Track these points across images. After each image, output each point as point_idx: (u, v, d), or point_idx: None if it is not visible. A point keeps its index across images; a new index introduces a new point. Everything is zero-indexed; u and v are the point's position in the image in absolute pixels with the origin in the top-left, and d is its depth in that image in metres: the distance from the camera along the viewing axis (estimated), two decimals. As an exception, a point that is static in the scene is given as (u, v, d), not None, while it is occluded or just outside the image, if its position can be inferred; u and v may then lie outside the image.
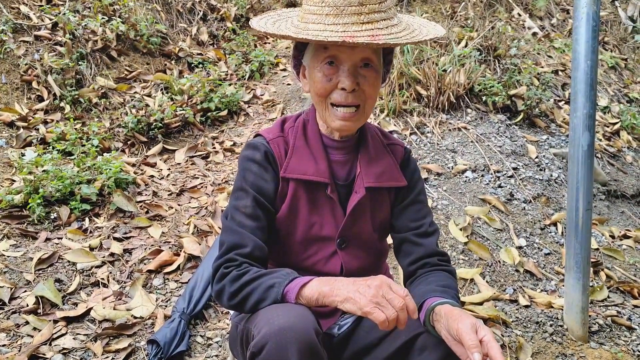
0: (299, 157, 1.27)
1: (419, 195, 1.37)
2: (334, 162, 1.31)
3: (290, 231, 1.29)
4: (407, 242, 1.33)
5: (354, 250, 1.32)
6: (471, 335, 1.00)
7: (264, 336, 1.03)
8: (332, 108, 1.22)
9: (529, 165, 3.28)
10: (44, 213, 2.55)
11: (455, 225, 2.71)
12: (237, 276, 1.16)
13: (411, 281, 1.33)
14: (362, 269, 1.32)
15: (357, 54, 1.18)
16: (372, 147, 1.32)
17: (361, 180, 1.28)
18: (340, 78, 1.19)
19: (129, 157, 3.35)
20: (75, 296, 2.12)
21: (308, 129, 1.31)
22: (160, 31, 4.54)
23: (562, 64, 4.64)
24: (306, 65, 1.26)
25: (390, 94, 3.57)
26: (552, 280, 2.53)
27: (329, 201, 1.28)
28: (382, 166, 1.31)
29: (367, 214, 1.31)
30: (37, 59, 3.78)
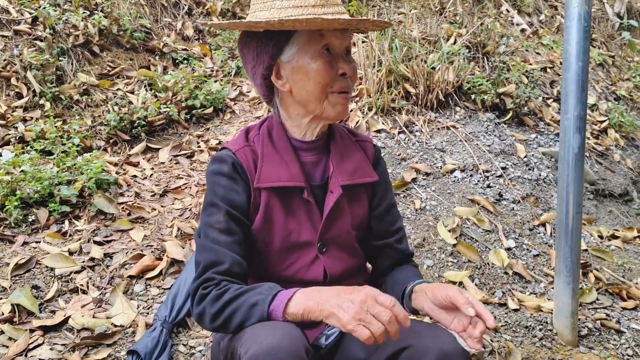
0: (270, 164, 1.23)
1: (392, 196, 1.40)
2: (306, 163, 1.27)
3: (268, 242, 1.25)
4: (389, 247, 1.37)
5: (335, 253, 1.29)
6: (461, 296, 1.09)
7: (252, 356, 0.99)
8: (332, 95, 1.20)
9: (517, 164, 3.25)
10: (22, 215, 2.47)
11: (443, 227, 2.68)
12: (217, 296, 1.12)
13: (384, 277, 1.38)
14: (345, 273, 1.30)
15: (346, 40, 1.19)
16: (342, 144, 1.32)
17: (335, 179, 1.26)
18: (340, 64, 1.18)
19: (111, 156, 3.27)
20: (53, 303, 2.05)
21: (274, 135, 1.27)
22: (144, 26, 4.44)
23: (550, 61, 4.61)
24: (288, 61, 1.19)
25: (379, 92, 3.52)
26: (541, 283, 2.50)
27: (305, 205, 1.25)
28: (354, 163, 1.30)
29: (345, 213, 1.29)
30: (17, 54, 3.68)
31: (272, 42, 1.18)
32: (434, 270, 2.45)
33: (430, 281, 1.27)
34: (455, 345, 1.10)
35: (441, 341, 1.11)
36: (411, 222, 2.72)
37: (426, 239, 2.61)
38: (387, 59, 3.54)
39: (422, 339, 1.13)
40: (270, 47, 1.19)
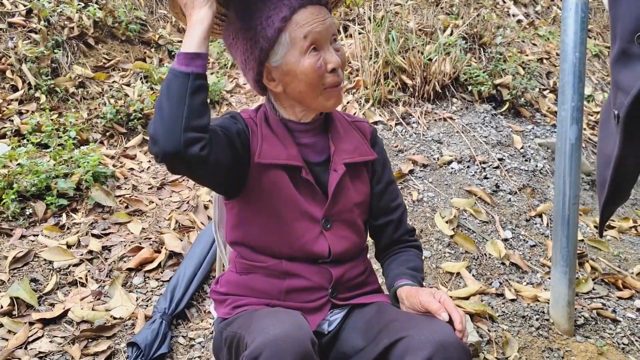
0: (269, 143, 1.26)
1: (390, 173, 1.43)
2: (302, 145, 1.30)
3: (278, 213, 1.27)
4: (390, 224, 1.40)
5: (339, 231, 1.31)
6: (433, 301, 1.15)
7: (258, 346, 1.00)
8: (325, 91, 1.22)
9: (514, 155, 3.26)
10: (19, 209, 2.47)
11: (441, 218, 2.69)
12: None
13: (385, 257, 1.43)
14: (348, 251, 1.32)
15: (329, 30, 1.20)
16: (340, 126, 1.35)
17: (338, 157, 1.29)
18: (327, 59, 1.20)
19: (107, 149, 3.26)
20: (52, 296, 2.06)
21: (270, 120, 1.30)
22: (139, 18, 4.42)
23: (546, 52, 4.61)
24: (277, 64, 1.20)
25: (376, 83, 3.51)
26: (538, 273, 2.52)
27: (305, 184, 1.28)
28: (353, 142, 1.34)
29: (348, 191, 1.32)
30: (11, 47, 3.65)
31: (257, 49, 1.19)
32: (432, 262, 2.47)
33: (413, 283, 1.28)
34: (453, 336, 1.11)
35: (439, 332, 1.12)
36: (409, 213, 2.73)
37: (423, 230, 2.62)
38: (383, 51, 3.53)
39: (420, 330, 1.13)
40: (256, 53, 1.20)
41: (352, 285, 1.34)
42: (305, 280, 1.28)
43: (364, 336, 1.23)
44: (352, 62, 3.76)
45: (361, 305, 1.33)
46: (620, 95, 1.01)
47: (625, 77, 0.98)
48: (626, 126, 0.99)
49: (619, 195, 1.14)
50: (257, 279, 1.29)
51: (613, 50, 1.02)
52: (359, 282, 1.36)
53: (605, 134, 1.12)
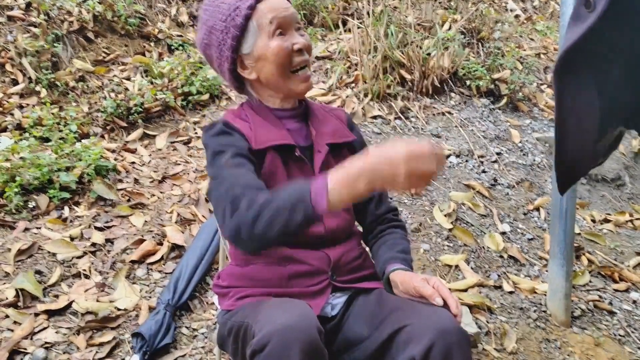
0: (261, 128, 1.32)
1: None
2: (290, 130, 1.37)
3: None
4: (373, 199, 1.48)
5: None
6: (427, 287, 1.19)
7: (266, 334, 1.03)
8: (293, 75, 1.31)
9: (512, 150, 3.29)
10: (22, 202, 2.48)
11: (440, 212, 2.72)
12: (249, 202, 1.08)
13: (373, 237, 1.48)
14: (340, 227, 1.38)
15: (293, 17, 1.31)
16: (318, 113, 1.44)
17: (320, 140, 1.37)
18: (293, 40, 1.29)
19: (108, 142, 3.27)
20: (57, 288, 2.08)
21: (256, 109, 1.38)
22: (139, 12, 4.42)
23: (544, 47, 4.64)
24: (248, 52, 1.30)
25: (375, 78, 3.53)
26: (535, 266, 2.56)
27: (298, 164, 1.33)
28: (332, 126, 1.42)
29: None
30: (11, 40, 3.65)
31: (229, 37, 1.29)
32: (431, 254, 2.50)
33: (406, 268, 1.33)
34: (454, 324, 1.14)
35: (440, 320, 1.15)
36: (408, 207, 2.76)
37: (422, 224, 2.65)
38: (382, 45, 3.55)
39: (421, 317, 1.16)
40: (228, 42, 1.30)
41: (350, 268, 1.38)
42: (306, 265, 1.31)
43: (368, 324, 1.26)
44: (351, 57, 3.78)
45: (362, 292, 1.36)
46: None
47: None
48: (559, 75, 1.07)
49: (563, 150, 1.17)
50: (258, 268, 1.32)
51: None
52: (356, 266, 1.40)
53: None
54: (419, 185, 0.99)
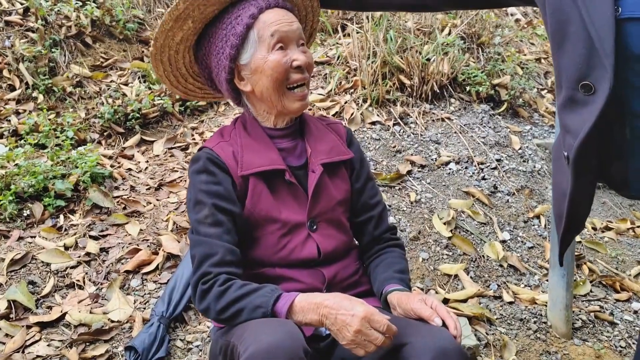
0: (250, 152, 1.29)
1: (369, 171, 1.48)
2: (282, 150, 1.34)
3: (260, 226, 1.30)
4: (372, 220, 1.44)
5: (325, 230, 1.34)
6: (425, 308, 1.18)
7: (251, 355, 1.01)
8: (289, 92, 1.27)
9: (512, 156, 3.26)
10: (16, 210, 2.46)
11: (439, 220, 2.69)
12: (220, 293, 1.16)
13: (370, 258, 1.45)
14: (337, 249, 1.35)
15: (296, 33, 1.26)
16: (315, 129, 1.40)
17: (315, 159, 1.33)
18: (293, 57, 1.25)
19: (105, 149, 3.25)
20: (50, 299, 2.05)
21: (248, 128, 1.34)
22: (137, 16, 4.40)
23: (544, 52, 4.61)
24: (245, 63, 1.27)
25: (374, 83, 3.50)
26: (536, 275, 2.52)
27: (289, 187, 1.31)
28: (329, 143, 1.38)
29: (329, 190, 1.35)
30: (8, 45, 3.64)
31: (228, 46, 1.26)
32: (429, 263, 2.47)
33: (403, 288, 1.32)
34: (454, 344, 1.12)
35: (439, 339, 1.13)
36: (406, 214, 2.73)
37: (421, 232, 2.62)
38: (381, 50, 3.53)
39: (421, 337, 1.14)
40: (227, 50, 1.26)
41: (346, 285, 1.36)
42: (299, 283, 1.29)
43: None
44: (350, 62, 3.75)
45: None
46: (569, 137, 1.09)
47: (573, 122, 1.06)
48: (576, 166, 1.08)
49: (575, 225, 1.23)
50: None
51: (559, 97, 1.11)
52: (352, 282, 1.38)
53: (558, 171, 1.21)
54: (362, 346, 1.07)
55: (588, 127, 1.01)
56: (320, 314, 1.10)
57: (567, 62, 1.05)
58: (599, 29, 0.97)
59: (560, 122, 1.13)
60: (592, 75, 1.01)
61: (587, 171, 1.11)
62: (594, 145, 1.06)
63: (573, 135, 1.06)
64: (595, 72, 1.00)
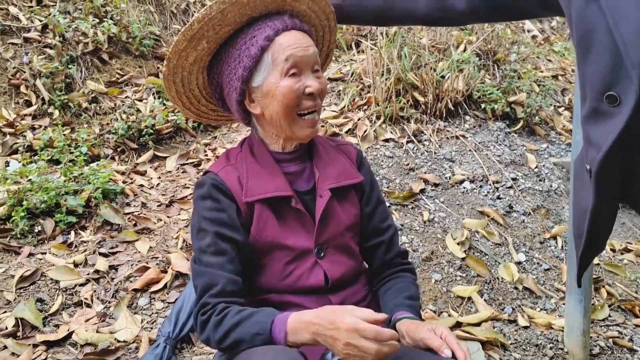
0: (255, 178, 1.27)
1: (379, 194, 1.43)
2: (289, 174, 1.30)
3: (265, 253, 1.27)
4: (382, 244, 1.39)
5: (333, 257, 1.30)
6: (434, 338, 1.13)
7: None
8: (299, 118, 1.24)
9: (528, 175, 3.20)
10: (28, 226, 2.47)
11: (452, 240, 2.64)
12: (217, 322, 1.14)
13: (379, 282, 1.41)
14: (345, 276, 1.31)
15: (311, 58, 1.22)
16: (324, 151, 1.36)
17: (323, 184, 1.29)
18: (306, 83, 1.21)
19: (118, 164, 3.26)
20: (57, 317, 2.04)
21: (255, 151, 1.31)
22: (153, 33, 4.44)
23: (562, 68, 4.56)
24: (257, 85, 1.23)
25: (387, 100, 3.48)
26: (552, 298, 2.46)
27: (296, 213, 1.27)
28: (338, 167, 1.34)
29: (337, 215, 1.31)
30: (26, 62, 3.69)
31: (241, 67, 1.22)
32: (442, 285, 2.41)
33: (413, 317, 1.26)
34: None
35: None
36: (419, 234, 2.68)
37: (434, 252, 2.57)
38: (395, 67, 3.51)
39: None
40: (239, 72, 1.23)
41: None
42: (306, 309, 1.26)
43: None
44: (364, 79, 3.74)
45: None
46: (592, 150, 1.04)
47: (596, 134, 1.02)
48: (598, 181, 1.03)
49: (595, 246, 1.17)
50: None
51: (584, 108, 1.06)
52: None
53: (579, 187, 1.15)
54: (360, 357, 1.02)
55: (612, 140, 0.97)
56: (311, 332, 1.07)
57: (592, 72, 1.01)
58: (626, 38, 0.93)
59: (584, 135, 1.08)
60: (617, 86, 0.96)
61: (610, 186, 1.05)
62: (618, 158, 1.02)
63: (596, 148, 1.02)
64: (621, 83, 0.96)
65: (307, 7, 1.28)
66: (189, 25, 1.21)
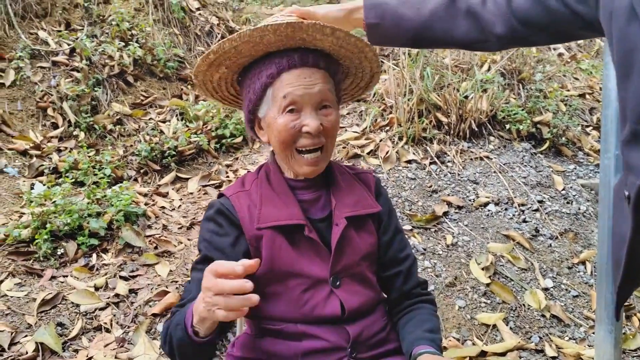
0: (268, 205, 1.25)
1: (397, 223, 1.40)
2: (304, 202, 1.29)
3: (280, 281, 1.24)
4: (400, 274, 1.36)
5: (349, 287, 1.27)
6: None
7: None
8: (298, 155, 1.23)
9: (555, 197, 3.12)
10: (51, 249, 2.49)
11: (476, 265, 2.57)
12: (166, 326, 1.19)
13: (398, 314, 1.37)
14: (363, 306, 1.28)
15: (315, 96, 1.19)
16: (342, 180, 1.34)
17: (339, 212, 1.27)
18: (304, 122, 1.19)
19: (141, 186, 3.29)
20: (77, 342, 2.04)
21: (271, 178, 1.30)
22: (178, 55, 4.51)
23: (589, 87, 4.46)
24: (262, 116, 1.25)
25: (410, 121, 3.45)
26: (581, 327, 2.37)
27: (309, 242, 1.24)
28: (355, 196, 1.32)
29: (352, 244, 1.28)
30: (54, 85, 3.77)
31: (247, 98, 1.26)
32: (466, 312, 2.35)
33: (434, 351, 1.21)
34: None
35: None
36: (442, 258, 2.63)
37: (458, 278, 2.51)
38: (418, 87, 3.48)
39: None
40: (246, 102, 1.27)
41: (372, 343, 1.29)
42: (322, 341, 1.23)
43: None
44: (386, 99, 3.72)
45: None
46: (632, 176, 1.00)
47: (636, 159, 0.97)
48: (637, 207, 0.98)
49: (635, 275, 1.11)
50: (273, 342, 1.25)
51: (622, 132, 1.01)
52: (379, 340, 1.31)
53: (619, 213, 1.10)
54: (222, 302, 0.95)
55: None
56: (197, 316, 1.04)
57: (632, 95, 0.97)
58: None
59: (623, 159, 1.03)
60: None
61: None
62: None
63: (636, 173, 0.97)
64: None
65: (332, 44, 1.25)
66: (206, 54, 1.23)
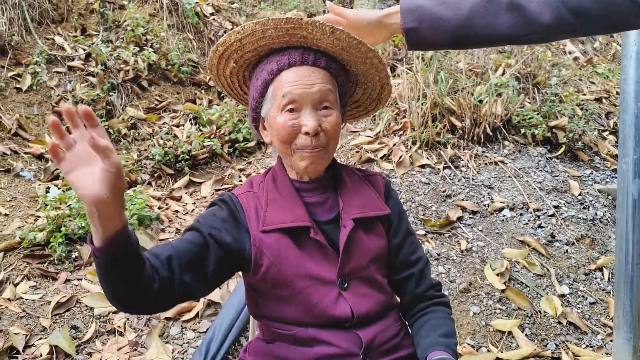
0: (274, 208, 1.24)
1: (408, 225, 1.38)
2: (310, 204, 1.27)
3: (287, 283, 1.22)
4: (412, 277, 1.34)
5: (358, 289, 1.25)
6: None
7: None
8: (298, 151, 1.22)
9: (571, 203, 3.08)
10: (66, 252, 2.51)
11: (491, 270, 2.54)
12: None
13: (412, 318, 1.35)
14: (373, 309, 1.26)
15: (315, 96, 1.18)
16: (350, 182, 1.33)
17: (347, 214, 1.25)
18: (303, 122, 1.18)
19: (155, 190, 3.30)
20: (90, 345, 2.05)
21: (278, 180, 1.29)
22: (192, 60, 4.53)
23: (606, 91, 4.41)
24: (265, 116, 1.25)
25: (423, 125, 3.43)
26: (599, 334, 2.33)
27: (315, 244, 1.23)
28: (364, 198, 1.30)
29: (361, 246, 1.26)
30: (69, 89, 3.81)
31: (251, 96, 1.27)
32: (481, 318, 2.32)
33: (450, 358, 1.18)
34: None
35: None
36: (456, 264, 2.60)
37: (472, 284, 2.48)
38: (432, 92, 3.46)
39: None
40: (250, 99, 1.27)
41: (386, 349, 1.27)
42: (334, 347, 1.21)
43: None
44: (400, 103, 3.70)
45: None
46: None
47: None
48: None
49: None
50: (284, 347, 1.24)
51: None
52: (393, 346, 1.28)
53: None
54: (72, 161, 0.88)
55: None
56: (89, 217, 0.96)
57: None
58: None
59: None
60: None
61: None
62: None
63: None
64: None
65: (333, 45, 1.24)
66: (215, 47, 1.25)
